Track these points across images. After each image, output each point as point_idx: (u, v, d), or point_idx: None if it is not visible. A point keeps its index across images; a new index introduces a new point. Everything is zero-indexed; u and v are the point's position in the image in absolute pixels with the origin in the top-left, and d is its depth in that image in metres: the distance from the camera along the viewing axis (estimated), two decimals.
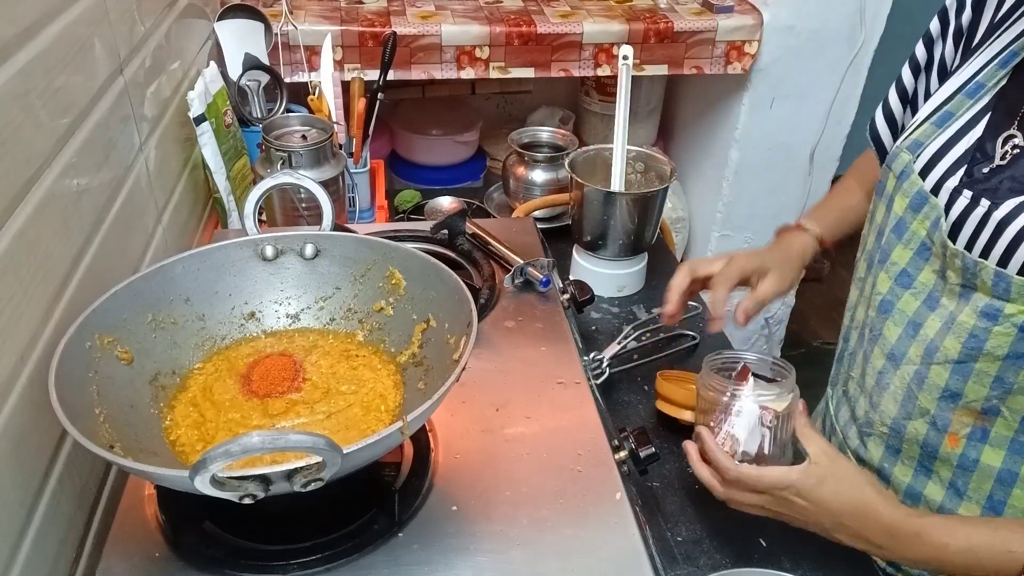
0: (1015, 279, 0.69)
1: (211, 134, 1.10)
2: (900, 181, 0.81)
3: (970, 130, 0.77)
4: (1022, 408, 0.73)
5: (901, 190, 0.80)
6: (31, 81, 0.63)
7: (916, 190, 0.78)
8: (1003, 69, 0.77)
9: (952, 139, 0.78)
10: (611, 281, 1.23)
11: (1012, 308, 0.70)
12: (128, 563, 0.60)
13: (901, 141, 0.83)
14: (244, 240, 0.76)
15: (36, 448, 0.62)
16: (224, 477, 0.48)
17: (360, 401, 0.68)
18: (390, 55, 1.30)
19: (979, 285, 0.72)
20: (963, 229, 0.73)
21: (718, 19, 1.55)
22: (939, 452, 0.80)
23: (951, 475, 0.80)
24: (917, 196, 0.78)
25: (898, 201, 0.81)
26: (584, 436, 0.72)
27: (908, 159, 0.80)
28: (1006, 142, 0.74)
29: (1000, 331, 0.71)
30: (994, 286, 0.70)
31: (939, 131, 0.79)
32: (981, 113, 0.77)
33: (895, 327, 0.81)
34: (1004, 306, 0.70)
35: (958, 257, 0.73)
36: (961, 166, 0.76)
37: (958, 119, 0.78)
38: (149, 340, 0.69)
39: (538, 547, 0.62)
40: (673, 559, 0.82)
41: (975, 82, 0.79)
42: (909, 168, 0.80)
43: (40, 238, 0.64)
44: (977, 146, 0.76)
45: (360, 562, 0.60)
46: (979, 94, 0.78)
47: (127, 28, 0.88)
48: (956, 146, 0.77)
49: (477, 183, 1.83)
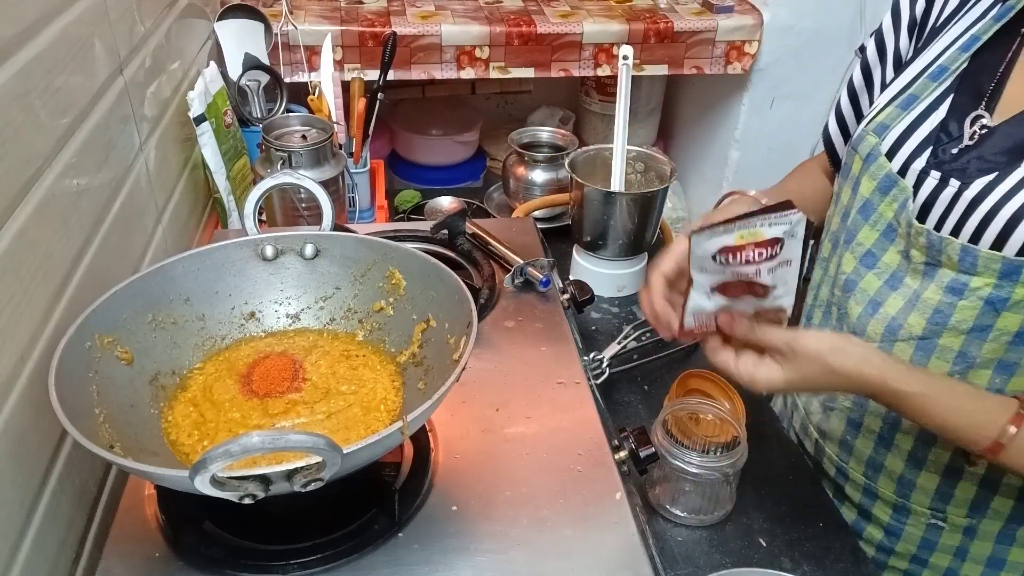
0: (982, 252, 0.70)
1: (211, 134, 1.10)
2: (867, 164, 0.82)
3: (933, 111, 0.78)
4: (983, 383, 0.75)
5: (868, 172, 0.81)
6: (31, 81, 0.63)
7: (884, 173, 0.79)
8: (965, 53, 0.78)
9: (916, 120, 0.79)
10: (611, 281, 1.23)
11: (978, 281, 0.71)
12: (128, 563, 0.60)
13: (865, 124, 0.84)
14: (244, 240, 0.76)
15: (36, 448, 0.62)
16: (224, 477, 0.48)
17: (360, 401, 0.68)
18: (390, 55, 1.30)
19: (944, 261, 0.73)
20: (932, 209, 0.75)
21: (718, 19, 1.55)
22: (901, 424, 0.82)
23: (911, 447, 0.82)
24: (885, 179, 0.79)
25: (865, 183, 0.82)
26: (584, 436, 0.72)
27: (875, 141, 0.81)
28: (974, 122, 0.75)
29: (965, 305, 0.72)
30: (960, 261, 0.72)
31: (904, 113, 0.80)
32: (944, 95, 0.78)
33: (856, 306, 0.83)
34: (970, 280, 0.72)
35: (923, 235, 0.74)
36: (927, 147, 0.77)
37: (922, 101, 0.79)
38: (149, 340, 0.69)
39: (538, 547, 0.62)
40: (673, 559, 0.82)
41: (938, 65, 0.80)
42: (876, 150, 0.81)
43: (40, 238, 0.64)
44: (941, 127, 0.77)
45: (360, 562, 0.60)
46: (942, 77, 0.79)
47: (127, 28, 0.88)
48: (921, 127, 0.78)
49: (477, 183, 1.83)
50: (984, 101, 0.75)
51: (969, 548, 0.82)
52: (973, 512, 0.80)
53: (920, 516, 0.83)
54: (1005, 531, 0.80)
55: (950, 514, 0.81)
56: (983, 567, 0.83)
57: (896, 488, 0.84)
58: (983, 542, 0.81)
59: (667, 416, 0.86)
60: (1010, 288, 0.70)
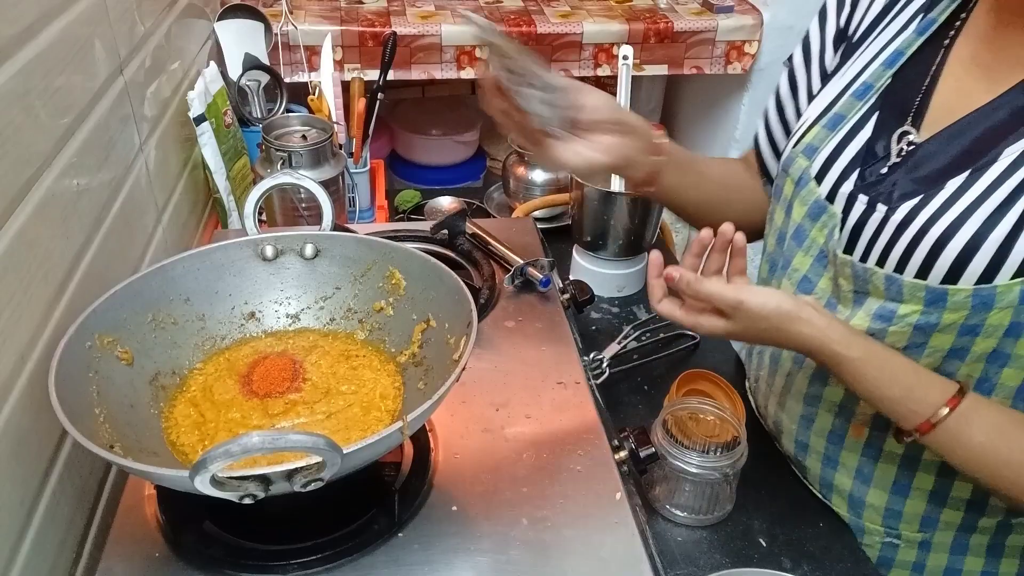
0: (906, 281, 0.69)
1: (211, 134, 1.10)
2: (798, 188, 0.80)
3: (859, 131, 0.77)
4: None
5: (799, 197, 0.80)
6: (31, 81, 0.63)
7: (814, 199, 0.78)
8: (889, 69, 0.77)
9: (843, 141, 0.78)
10: (611, 281, 1.23)
11: (906, 308, 0.70)
12: (128, 563, 0.60)
13: (794, 144, 0.83)
14: (244, 240, 0.76)
15: (36, 448, 0.62)
16: (224, 477, 0.48)
17: (360, 401, 0.68)
18: (390, 55, 1.30)
19: (871, 290, 0.73)
20: (862, 235, 0.74)
21: (718, 19, 1.55)
22: (844, 442, 0.82)
23: (857, 463, 0.82)
24: (815, 205, 0.78)
25: (797, 208, 0.80)
26: (584, 436, 0.72)
27: (805, 164, 0.80)
28: (901, 139, 0.74)
29: (896, 330, 0.71)
30: (887, 289, 0.71)
31: (831, 134, 0.79)
32: (869, 113, 0.77)
33: None
34: (898, 307, 0.71)
35: (848, 266, 0.74)
36: (854, 169, 0.76)
37: (848, 121, 0.78)
38: (149, 340, 0.69)
39: (538, 547, 0.62)
40: (673, 559, 0.82)
41: (862, 83, 0.79)
42: (807, 174, 0.79)
43: (40, 238, 0.64)
44: (867, 148, 0.76)
45: (360, 562, 0.60)
46: (867, 95, 0.78)
47: (127, 28, 0.88)
48: (848, 148, 0.77)
49: (477, 183, 1.83)
50: (910, 117, 0.74)
51: (926, 562, 0.82)
52: (925, 526, 0.80)
53: (875, 535, 0.83)
54: (958, 541, 0.80)
55: (903, 530, 0.81)
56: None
57: (848, 507, 0.84)
58: (938, 554, 0.81)
59: (667, 416, 0.86)
60: (938, 314, 0.68)
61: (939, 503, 0.78)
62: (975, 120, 0.69)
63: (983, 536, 0.79)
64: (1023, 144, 0.65)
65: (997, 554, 0.79)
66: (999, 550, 0.79)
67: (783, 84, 0.93)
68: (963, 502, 0.77)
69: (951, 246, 0.66)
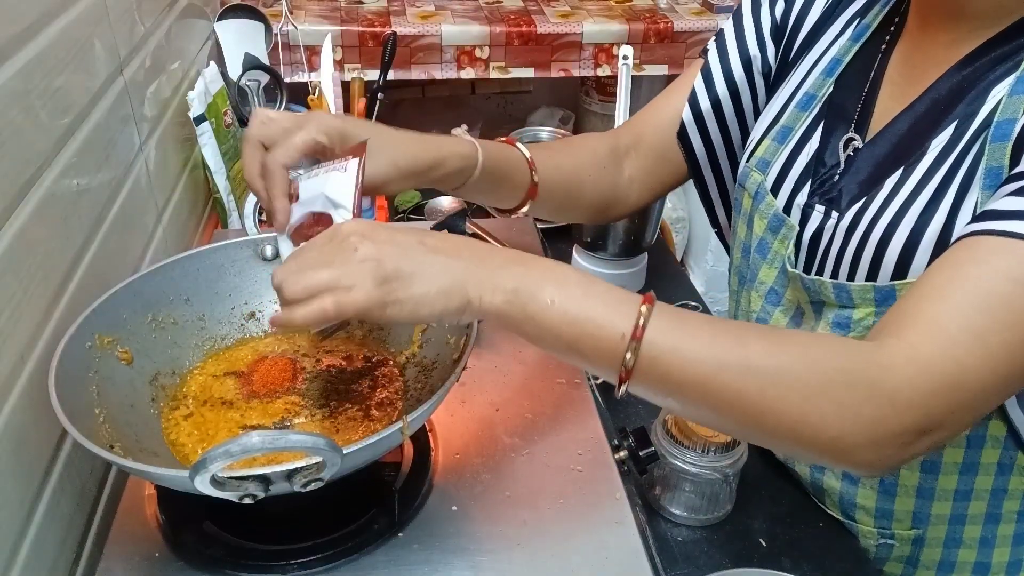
0: (853, 287, 0.69)
1: (211, 134, 1.10)
2: (756, 202, 0.80)
3: (807, 141, 0.77)
4: None
5: (759, 211, 0.80)
6: (31, 81, 0.63)
7: (772, 212, 0.78)
8: (829, 78, 0.77)
9: (793, 153, 0.78)
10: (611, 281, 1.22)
11: (859, 313, 0.70)
12: (128, 563, 0.60)
13: (747, 159, 0.83)
14: (244, 240, 0.76)
15: (36, 448, 0.62)
16: (224, 477, 0.48)
17: (360, 401, 0.68)
18: (390, 55, 1.30)
19: (825, 300, 0.72)
20: (820, 244, 0.74)
21: (718, 19, 1.55)
22: None
23: None
24: (774, 218, 0.78)
25: (757, 222, 0.80)
26: (584, 436, 0.72)
27: (760, 179, 0.80)
28: (847, 145, 0.74)
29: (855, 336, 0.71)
30: (837, 297, 0.71)
31: (781, 147, 0.79)
32: (815, 123, 0.77)
33: None
34: (852, 313, 0.70)
35: (798, 279, 0.74)
36: (806, 180, 0.76)
37: (795, 132, 0.78)
38: (149, 340, 0.69)
39: (538, 547, 0.62)
40: (673, 559, 0.82)
41: (804, 93, 0.79)
42: (763, 189, 0.79)
43: (40, 238, 0.63)
44: (816, 157, 0.76)
45: (360, 562, 0.60)
46: (811, 105, 0.78)
47: (127, 28, 0.88)
48: (798, 159, 0.77)
49: None
50: (853, 123, 0.74)
51: (920, 556, 0.82)
52: (916, 523, 0.80)
53: (869, 538, 0.83)
54: (951, 534, 0.79)
55: (896, 529, 0.81)
56: (935, 572, 0.82)
57: (840, 510, 0.84)
58: (932, 549, 0.81)
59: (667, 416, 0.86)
60: None
61: (927, 497, 0.78)
62: (903, 117, 0.70)
63: (975, 528, 0.79)
64: (948, 134, 0.66)
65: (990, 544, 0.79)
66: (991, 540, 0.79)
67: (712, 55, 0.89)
68: (950, 493, 0.77)
69: (893, 244, 0.66)
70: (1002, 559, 0.80)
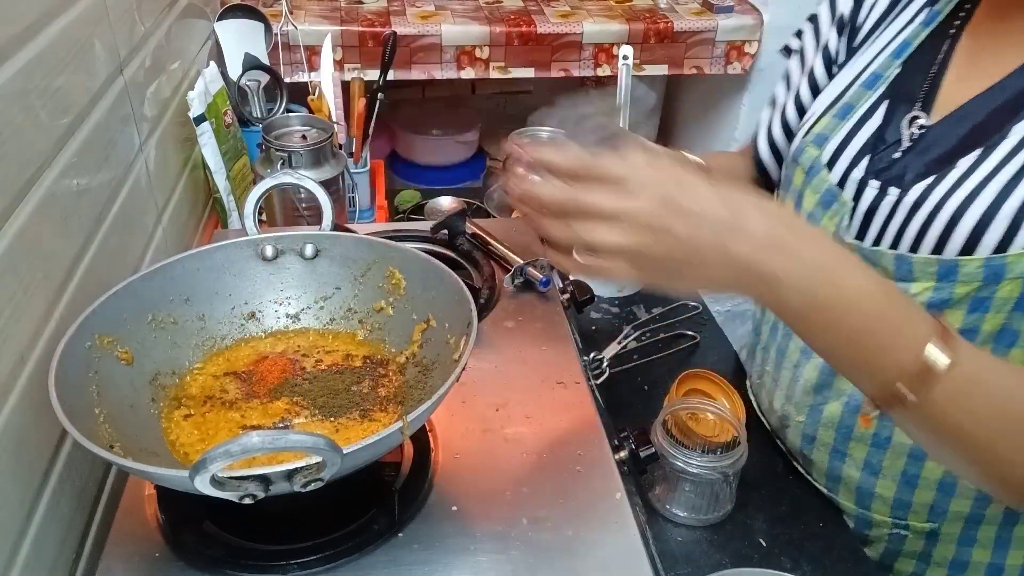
0: (916, 259, 0.70)
1: (211, 134, 1.10)
2: (809, 176, 0.81)
3: (869, 119, 0.79)
4: None
5: (811, 186, 0.81)
6: (31, 81, 0.63)
7: (826, 187, 0.79)
8: (897, 59, 0.79)
9: (853, 129, 0.79)
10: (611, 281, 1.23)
11: (917, 287, 0.71)
12: (128, 563, 0.60)
13: (803, 135, 0.84)
14: (244, 240, 0.76)
15: (36, 448, 0.62)
16: (224, 477, 0.48)
17: (360, 401, 0.68)
18: (390, 55, 1.30)
19: (882, 273, 0.73)
20: (874, 218, 0.75)
21: (718, 19, 1.55)
22: (852, 433, 0.82)
23: (865, 454, 0.82)
24: (827, 193, 0.79)
25: (808, 196, 0.81)
26: (584, 436, 0.72)
27: (816, 153, 0.81)
28: (911, 124, 0.76)
29: None
30: (897, 269, 0.72)
31: (841, 123, 0.80)
32: (879, 101, 0.79)
33: None
34: (909, 287, 0.71)
35: (855, 251, 0.74)
36: (864, 156, 0.77)
37: (857, 110, 0.80)
38: (149, 340, 0.69)
39: (538, 547, 0.62)
40: (673, 559, 0.82)
41: (871, 72, 0.81)
42: (817, 163, 0.81)
43: (40, 238, 0.63)
44: (878, 134, 0.77)
45: (360, 562, 0.60)
46: (876, 84, 0.80)
47: (127, 28, 0.88)
48: (857, 136, 0.79)
49: (477, 183, 1.83)
50: (919, 103, 0.76)
51: (932, 552, 0.82)
52: (933, 517, 0.80)
53: (882, 526, 0.83)
54: (966, 533, 0.80)
55: (911, 521, 0.81)
56: (947, 569, 0.82)
57: (856, 499, 0.84)
58: (946, 545, 0.81)
59: (667, 416, 0.86)
60: (949, 288, 0.69)
61: (948, 492, 0.78)
62: (982, 102, 0.71)
63: (991, 528, 0.79)
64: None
65: (1004, 546, 0.79)
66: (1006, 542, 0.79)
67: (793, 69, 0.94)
68: (972, 490, 0.77)
69: (964, 221, 0.67)
70: (1016, 562, 0.80)
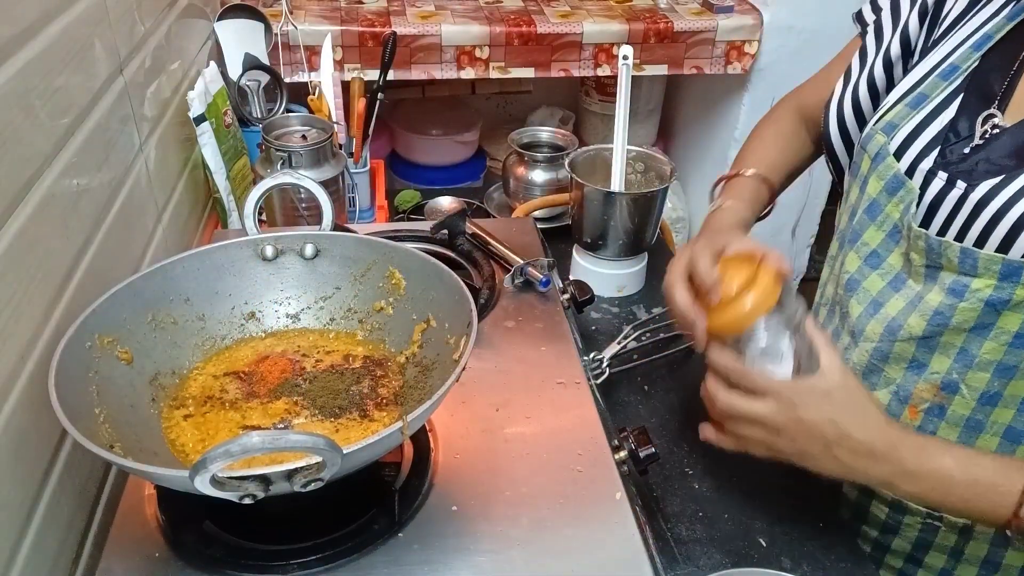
0: (982, 255, 0.70)
1: (211, 134, 1.10)
2: (875, 163, 0.81)
3: (943, 111, 0.78)
4: (980, 386, 0.74)
5: (876, 172, 0.81)
6: (31, 81, 0.63)
7: (892, 173, 0.79)
8: (977, 52, 0.78)
9: (925, 120, 0.79)
10: (611, 281, 1.23)
11: (979, 283, 0.71)
12: (128, 563, 0.60)
13: (874, 123, 0.84)
14: (244, 240, 0.76)
15: (36, 448, 0.62)
16: (224, 477, 0.48)
17: (360, 401, 0.68)
18: (390, 55, 1.30)
19: (945, 264, 0.73)
20: (939, 211, 0.75)
21: (718, 19, 1.55)
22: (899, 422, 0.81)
23: None
24: (893, 179, 0.79)
25: (872, 183, 0.81)
26: (584, 436, 0.72)
27: (883, 140, 0.81)
28: (985, 121, 0.75)
29: (966, 307, 0.72)
30: (961, 263, 0.72)
31: (913, 112, 0.80)
32: (954, 94, 0.78)
33: (858, 305, 0.82)
34: (971, 282, 0.71)
35: (922, 239, 0.74)
36: (934, 147, 0.77)
37: (931, 100, 0.79)
38: (149, 340, 0.69)
39: (538, 547, 0.62)
40: (673, 559, 0.82)
41: (949, 64, 0.80)
42: (884, 150, 0.80)
43: (40, 238, 0.64)
44: (950, 127, 0.77)
45: (360, 562, 0.60)
46: (953, 76, 0.79)
47: (127, 28, 0.88)
48: (929, 127, 0.78)
49: (477, 183, 1.83)
50: (996, 101, 0.75)
51: (964, 549, 0.82)
52: None
53: (916, 515, 0.83)
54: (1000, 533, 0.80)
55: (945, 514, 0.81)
56: (978, 568, 0.82)
57: None
58: (979, 543, 0.81)
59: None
60: (1011, 289, 0.69)
61: None
62: None
63: None
64: None
65: None
66: None
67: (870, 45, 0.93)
68: None
69: None
70: None
